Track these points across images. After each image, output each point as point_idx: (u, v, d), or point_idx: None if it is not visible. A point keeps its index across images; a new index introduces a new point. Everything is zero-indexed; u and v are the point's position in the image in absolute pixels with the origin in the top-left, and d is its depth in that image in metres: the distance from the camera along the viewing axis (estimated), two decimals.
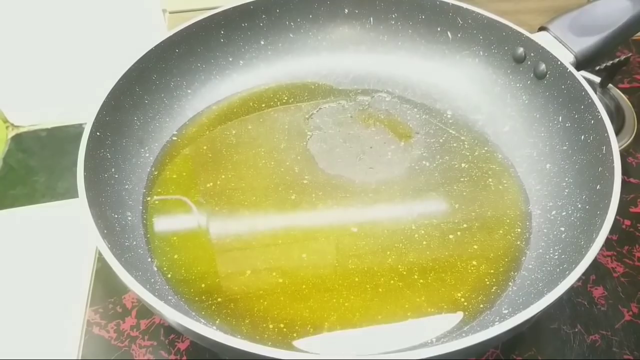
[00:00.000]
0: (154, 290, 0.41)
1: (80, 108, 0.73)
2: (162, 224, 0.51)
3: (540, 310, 0.35)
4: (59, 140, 0.74)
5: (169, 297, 0.45)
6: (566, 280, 0.37)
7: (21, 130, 0.76)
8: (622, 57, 0.66)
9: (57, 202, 0.64)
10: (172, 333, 0.50)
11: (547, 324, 0.50)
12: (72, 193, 0.64)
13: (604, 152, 0.46)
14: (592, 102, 0.49)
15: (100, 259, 0.56)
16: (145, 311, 0.51)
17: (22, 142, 0.74)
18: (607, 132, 0.47)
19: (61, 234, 0.59)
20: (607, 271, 0.55)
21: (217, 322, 0.44)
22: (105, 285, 0.54)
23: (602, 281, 0.54)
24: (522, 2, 0.75)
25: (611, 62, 0.66)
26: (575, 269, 0.37)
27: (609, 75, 0.68)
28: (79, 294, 0.54)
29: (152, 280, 0.46)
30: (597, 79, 0.69)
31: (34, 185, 0.68)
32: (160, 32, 0.70)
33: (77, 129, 0.75)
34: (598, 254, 0.39)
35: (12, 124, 0.76)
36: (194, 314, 0.44)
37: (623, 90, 0.69)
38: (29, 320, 0.52)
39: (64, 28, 0.69)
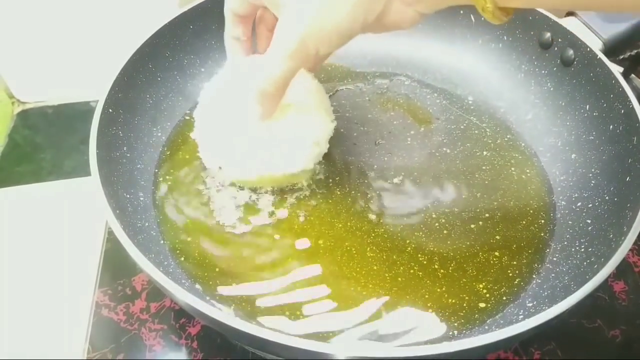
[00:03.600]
0: (167, 273, 0.39)
1: (89, 85, 0.71)
2: (175, 205, 0.49)
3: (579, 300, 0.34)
4: (65, 117, 0.73)
5: (183, 281, 0.43)
6: (599, 274, 0.36)
7: (27, 106, 0.74)
8: None
9: (64, 181, 0.62)
10: (183, 317, 0.49)
11: (567, 318, 0.49)
12: (79, 171, 0.63)
13: (634, 142, 0.45)
14: (623, 91, 0.47)
15: (109, 239, 0.54)
16: (155, 294, 0.50)
17: (28, 118, 0.73)
18: (638, 123, 0.45)
19: (68, 213, 0.58)
20: (627, 265, 0.53)
21: (232, 307, 0.42)
22: (115, 267, 0.53)
23: (622, 275, 0.53)
24: None
25: (635, 51, 0.64)
26: (610, 261, 0.36)
27: (632, 65, 0.66)
28: (88, 275, 0.52)
29: (165, 263, 0.44)
30: (620, 69, 0.67)
31: (40, 162, 0.67)
32: (171, 7, 0.68)
33: (85, 107, 0.73)
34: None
35: (18, 100, 0.74)
36: (208, 298, 0.43)
37: None
38: (36, 302, 0.51)
39: (74, 3, 0.66)
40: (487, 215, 0.49)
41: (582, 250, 0.44)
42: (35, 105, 0.74)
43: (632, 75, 0.67)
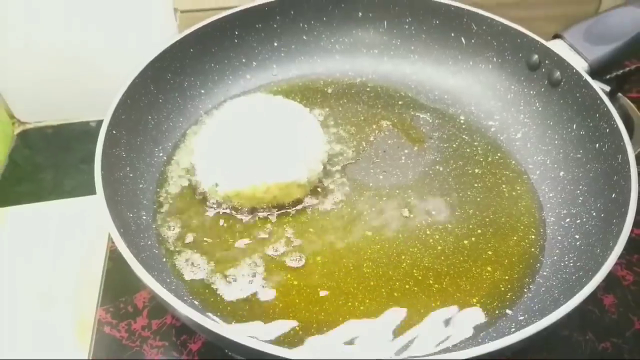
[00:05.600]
0: (170, 290, 0.40)
1: (88, 106, 0.73)
2: (176, 224, 0.51)
3: (570, 311, 0.36)
4: (65, 137, 0.74)
5: (185, 298, 0.45)
6: (586, 287, 0.37)
7: (27, 126, 0.75)
8: (632, 67, 0.66)
9: (65, 200, 0.63)
10: (184, 334, 0.50)
11: (558, 331, 0.50)
12: (79, 191, 0.64)
13: (619, 160, 0.47)
14: (608, 111, 0.49)
15: (111, 257, 0.55)
16: (157, 311, 0.51)
17: (29, 138, 0.74)
18: (623, 141, 0.47)
19: (70, 232, 0.59)
20: (617, 279, 0.55)
21: (233, 322, 0.43)
22: (116, 285, 0.53)
23: (612, 289, 0.54)
24: (535, 10, 0.75)
25: (621, 71, 0.67)
26: (596, 275, 0.37)
27: (619, 85, 0.68)
28: (90, 293, 0.53)
29: (168, 280, 0.45)
30: (607, 88, 0.69)
31: (41, 182, 0.68)
32: (171, 31, 0.70)
33: (84, 127, 0.75)
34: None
35: (19, 120, 0.75)
36: (209, 314, 0.44)
37: (632, 100, 0.70)
38: (38, 320, 0.52)
39: (74, 26, 0.68)
40: (479, 231, 0.50)
41: (571, 264, 0.46)
42: (35, 126, 0.75)
43: (619, 94, 0.70)
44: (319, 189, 0.53)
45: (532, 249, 0.49)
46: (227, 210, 0.51)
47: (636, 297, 0.53)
